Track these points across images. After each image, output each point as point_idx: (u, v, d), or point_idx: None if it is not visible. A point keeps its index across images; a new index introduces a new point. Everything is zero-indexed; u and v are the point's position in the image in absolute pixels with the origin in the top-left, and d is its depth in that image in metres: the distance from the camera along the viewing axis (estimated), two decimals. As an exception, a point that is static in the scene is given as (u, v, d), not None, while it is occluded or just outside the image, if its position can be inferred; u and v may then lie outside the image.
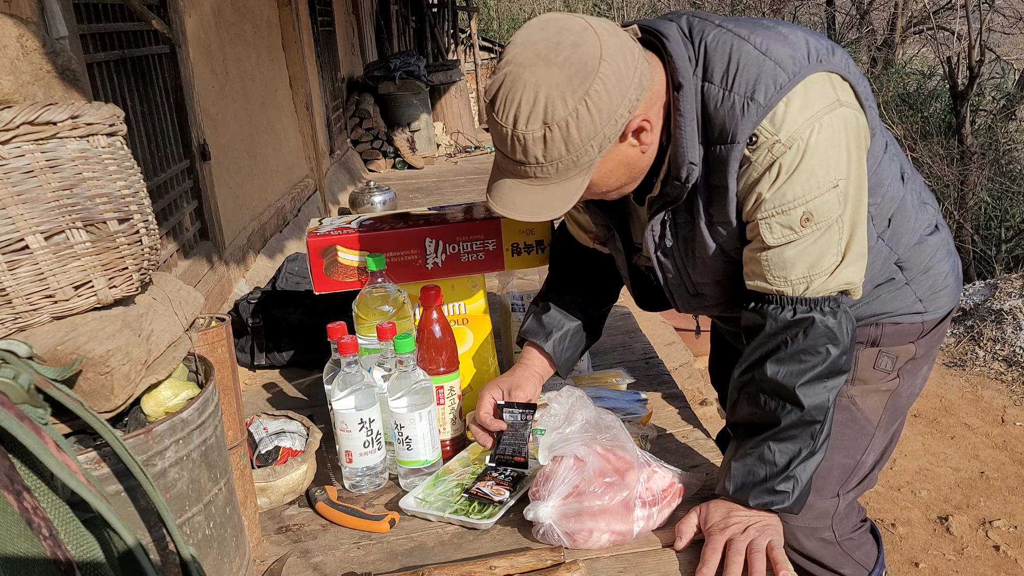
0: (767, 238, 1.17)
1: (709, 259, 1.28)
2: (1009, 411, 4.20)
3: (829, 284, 1.19)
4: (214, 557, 1.02)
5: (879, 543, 1.53)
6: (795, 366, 1.19)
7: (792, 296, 1.19)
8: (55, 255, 0.87)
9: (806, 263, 1.17)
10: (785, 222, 1.15)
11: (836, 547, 1.44)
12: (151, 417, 0.96)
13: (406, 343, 1.40)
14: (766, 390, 1.21)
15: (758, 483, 1.21)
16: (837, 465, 1.39)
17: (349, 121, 5.71)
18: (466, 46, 13.87)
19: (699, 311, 1.44)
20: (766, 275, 1.20)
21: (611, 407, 1.61)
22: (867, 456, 1.41)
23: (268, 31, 3.70)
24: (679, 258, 1.31)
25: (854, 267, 1.20)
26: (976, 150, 11.14)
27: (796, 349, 1.19)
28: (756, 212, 1.17)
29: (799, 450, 1.21)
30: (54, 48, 1.00)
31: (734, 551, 1.16)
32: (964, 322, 5.20)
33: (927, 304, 1.38)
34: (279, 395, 2.01)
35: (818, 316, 1.18)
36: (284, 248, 3.25)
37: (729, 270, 1.28)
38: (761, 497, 1.21)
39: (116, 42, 2.07)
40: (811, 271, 1.18)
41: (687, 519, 1.25)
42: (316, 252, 1.59)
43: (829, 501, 1.41)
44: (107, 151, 0.93)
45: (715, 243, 1.25)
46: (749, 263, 1.23)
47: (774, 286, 1.20)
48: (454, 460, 1.48)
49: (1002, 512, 3.30)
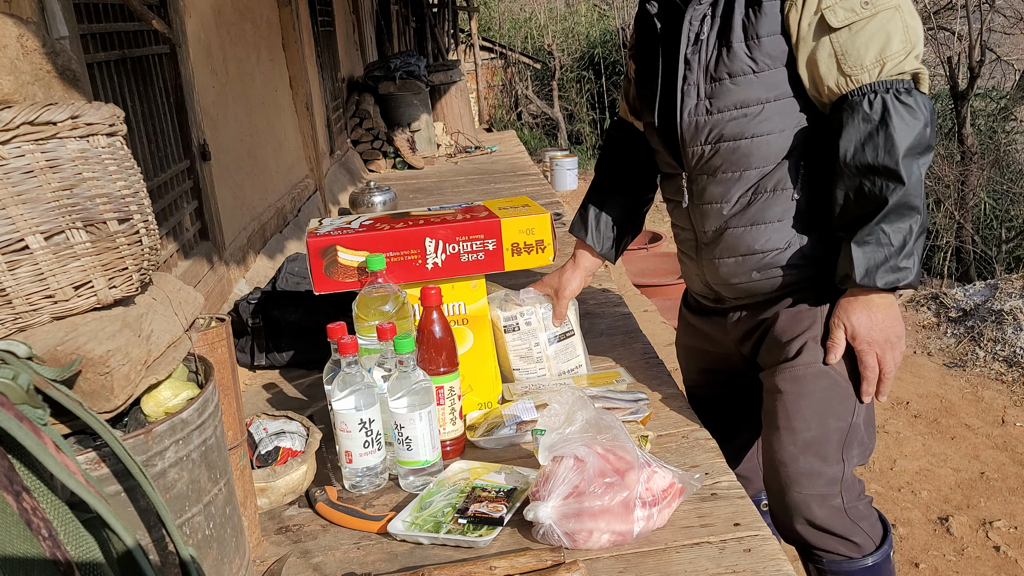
0: (831, 21, 1.29)
1: (735, 50, 1.38)
2: (1009, 411, 4.20)
3: (903, 66, 1.30)
4: (214, 557, 1.02)
5: (885, 525, 1.57)
6: (890, 145, 1.29)
7: (870, 83, 1.30)
8: (55, 255, 0.87)
9: (877, 46, 1.29)
10: (848, 5, 1.29)
11: (844, 515, 1.48)
12: (151, 417, 0.96)
13: (406, 343, 1.39)
14: (868, 176, 1.32)
15: (881, 264, 1.32)
16: (834, 430, 1.46)
17: (349, 121, 5.71)
18: (466, 46, 13.87)
19: (704, 142, 1.48)
20: (842, 67, 1.31)
21: (611, 407, 1.61)
22: (856, 417, 1.47)
23: (268, 31, 3.70)
24: (706, 52, 1.41)
25: (919, 53, 1.32)
26: (976, 150, 11.13)
27: (887, 131, 1.29)
28: (814, 3, 1.30)
29: (910, 227, 1.31)
30: (54, 48, 1.00)
31: (887, 370, 1.40)
32: (964, 322, 5.20)
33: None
34: (279, 395, 2.01)
35: (899, 97, 1.30)
36: (284, 248, 3.25)
37: (752, 66, 1.38)
38: (887, 276, 1.32)
39: (116, 42, 2.07)
40: (882, 54, 1.29)
41: (835, 334, 1.41)
42: (316, 252, 1.59)
43: (835, 467, 1.46)
44: (107, 151, 0.93)
45: (743, 34, 1.37)
46: (821, 64, 1.33)
47: (851, 77, 1.31)
48: (437, 480, 1.43)
49: (1002, 513, 3.30)
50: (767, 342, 1.54)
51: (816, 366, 1.45)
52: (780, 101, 1.40)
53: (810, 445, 1.45)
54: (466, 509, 1.33)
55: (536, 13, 17.78)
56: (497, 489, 1.37)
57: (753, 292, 1.54)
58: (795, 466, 1.45)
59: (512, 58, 15.73)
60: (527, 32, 17.28)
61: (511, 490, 1.37)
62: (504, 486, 1.38)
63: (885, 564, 1.53)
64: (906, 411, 4.28)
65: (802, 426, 1.45)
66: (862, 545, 1.50)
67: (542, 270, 1.79)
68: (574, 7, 17.90)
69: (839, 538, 1.49)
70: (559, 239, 1.80)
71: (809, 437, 1.45)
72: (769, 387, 1.51)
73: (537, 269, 1.82)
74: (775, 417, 1.48)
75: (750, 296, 1.55)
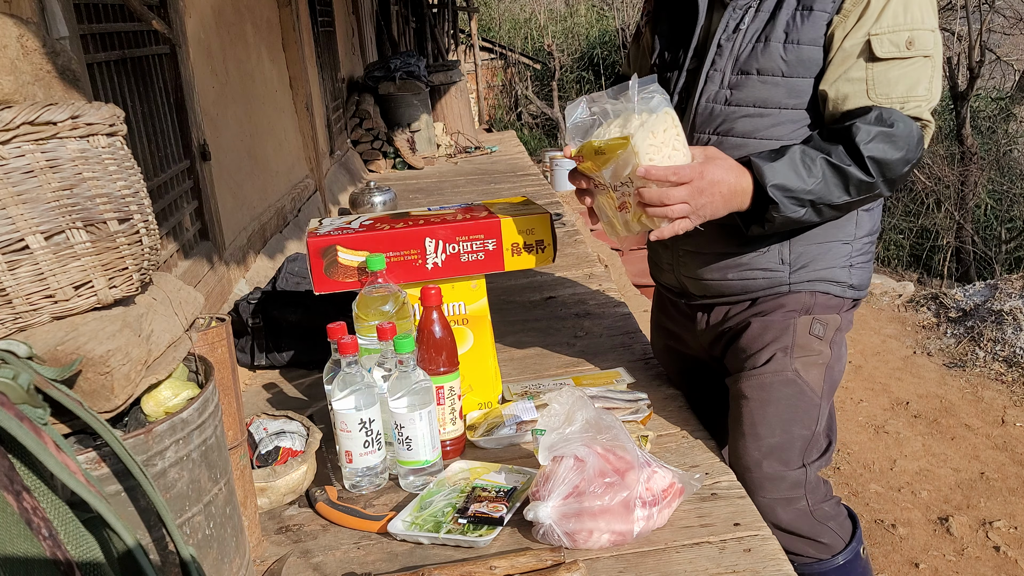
0: (877, 50, 1.32)
1: (771, 48, 1.38)
2: (1009, 412, 4.20)
3: (920, 112, 1.35)
4: (214, 557, 1.02)
5: (855, 521, 1.58)
6: (878, 143, 1.30)
7: (889, 107, 1.33)
8: (55, 255, 0.87)
9: (906, 85, 1.33)
10: (895, 40, 1.32)
11: (810, 517, 1.50)
12: (151, 417, 0.96)
13: (406, 343, 1.39)
14: (845, 155, 1.32)
15: (789, 184, 1.30)
16: (797, 437, 1.47)
17: (349, 121, 5.71)
18: (466, 47, 13.87)
19: (712, 132, 1.47)
20: (868, 91, 1.34)
21: (611, 407, 1.61)
22: (819, 426, 1.49)
23: (268, 32, 3.71)
24: (740, 45, 1.41)
25: (934, 108, 1.37)
26: (977, 151, 11.14)
27: (891, 134, 1.31)
28: (865, 26, 1.32)
29: (832, 195, 1.32)
30: (54, 48, 1.00)
31: (675, 212, 1.29)
32: (964, 323, 5.20)
33: (852, 272, 1.51)
34: (279, 395, 2.01)
35: (907, 119, 1.32)
36: (284, 248, 3.25)
37: (783, 68, 1.39)
38: (776, 194, 1.30)
39: (116, 42, 2.07)
40: (908, 93, 1.33)
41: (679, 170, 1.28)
42: (316, 252, 1.59)
43: (797, 471, 1.48)
44: (107, 151, 0.93)
45: (784, 35, 1.38)
46: (849, 83, 1.34)
47: (873, 102, 1.34)
48: (437, 480, 1.43)
49: (1002, 513, 3.30)
50: (736, 348, 1.54)
51: (783, 374, 1.46)
52: (797, 110, 1.40)
53: (774, 450, 1.46)
54: (466, 509, 1.33)
55: (536, 14, 17.78)
56: (497, 489, 1.37)
57: (724, 292, 1.53)
58: (759, 471, 1.45)
59: (512, 58, 15.74)
60: (527, 33, 17.29)
61: (511, 490, 1.37)
62: (504, 486, 1.38)
63: (855, 561, 1.54)
64: (906, 411, 4.28)
65: (766, 432, 1.46)
66: (831, 545, 1.51)
67: (543, 270, 1.79)
68: (574, 8, 17.91)
69: (807, 540, 1.50)
70: (559, 239, 1.80)
71: (773, 443, 1.46)
72: (735, 393, 1.51)
73: (538, 269, 1.82)
74: (741, 423, 1.48)
75: (720, 295, 1.55)
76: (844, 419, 4.16)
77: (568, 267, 2.81)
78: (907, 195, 11.62)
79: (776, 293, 1.50)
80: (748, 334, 1.52)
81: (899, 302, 5.91)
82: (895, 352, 5.08)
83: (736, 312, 1.55)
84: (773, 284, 1.49)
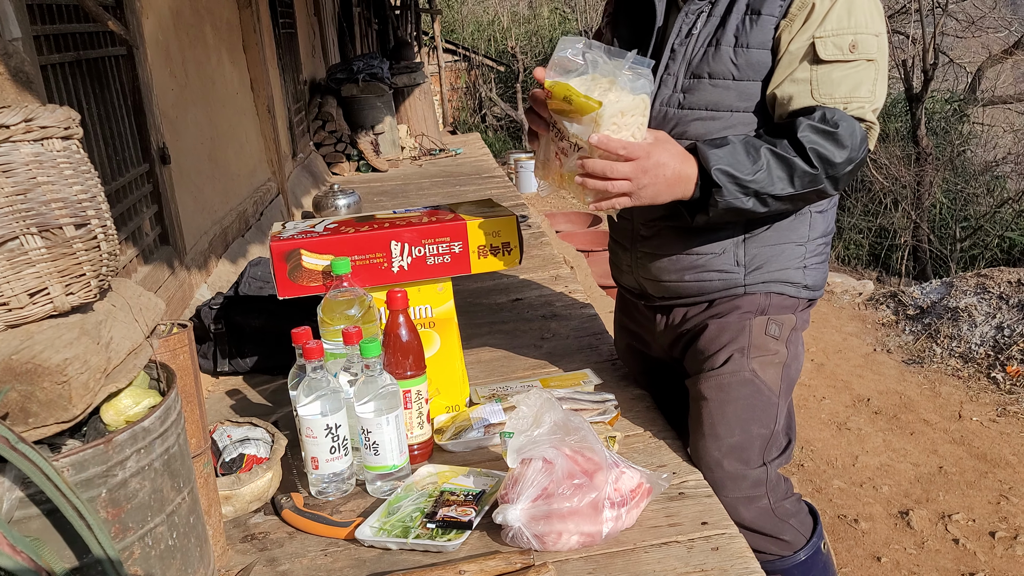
0: (820, 52, 1.34)
1: (722, 52, 1.41)
2: (966, 407, 4.29)
3: (863, 113, 1.36)
4: (178, 568, 1.00)
5: (815, 516, 1.61)
6: (820, 137, 1.32)
7: (832, 107, 1.35)
8: (8, 262, 0.85)
9: (848, 86, 1.35)
10: (838, 43, 1.34)
11: (772, 514, 1.52)
12: (111, 426, 0.94)
13: (372, 347, 1.38)
14: (789, 147, 1.34)
15: (731, 175, 1.31)
16: (756, 436, 1.49)
17: (312, 124, 5.66)
18: (430, 49, 13.84)
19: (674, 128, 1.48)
20: (812, 92, 1.35)
21: (578, 408, 1.61)
22: (778, 424, 1.51)
23: (228, 33, 3.66)
24: (692, 50, 1.43)
25: (878, 110, 1.39)
26: (931, 151, 11.39)
27: (835, 134, 1.32)
28: (810, 30, 1.35)
29: (776, 185, 1.33)
30: (6, 50, 0.98)
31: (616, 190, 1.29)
32: (921, 320, 5.31)
33: (807, 273, 1.53)
34: (243, 402, 1.99)
35: (850, 119, 1.34)
36: (247, 252, 3.21)
37: (733, 72, 1.40)
38: (720, 178, 1.30)
39: (71, 44, 2.03)
40: (851, 94, 1.35)
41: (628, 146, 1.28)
42: (279, 256, 1.57)
43: (758, 470, 1.50)
44: (62, 155, 0.91)
45: (734, 39, 1.40)
46: (794, 84, 1.37)
47: (817, 102, 1.35)
48: (405, 485, 1.42)
49: (960, 506, 3.37)
50: (694, 350, 1.56)
51: (741, 374, 1.48)
52: (747, 113, 1.42)
53: (733, 450, 1.48)
54: (435, 513, 1.32)
55: (499, 16, 17.80)
56: (466, 493, 1.37)
57: (681, 293, 1.55)
58: (720, 471, 1.47)
59: (476, 61, 15.74)
60: (490, 35, 17.31)
61: (480, 493, 1.36)
62: (473, 489, 1.38)
63: (817, 556, 1.56)
64: (867, 408, 4.36)
65: (726, 432, 1.48)
66: (792, 542, 1.54)
67: (509, 273, 1.79)
68: (537, 10, 17.96)
69: (769, 538, 1.52)
70: (525, 241, 1.80)
71: (733, 442, 1.48)
72: (695, 394, 1.53)
73: (504, 272, 1.82)
74: (701, 424, 1.50)
75: (678, 297, 1.56)
76: (807, 416, 4.23)
77: (534, 269, 2.81)
78: (866, 195, 11.85)
79: (732, 295, 1.52)
80: (706, 336, 1.53)
81: (859, 300, 6.01)
82: (856, 350, 5.17)
83: (694, 314, 1.56)
84: (729, 286, 1.51)
